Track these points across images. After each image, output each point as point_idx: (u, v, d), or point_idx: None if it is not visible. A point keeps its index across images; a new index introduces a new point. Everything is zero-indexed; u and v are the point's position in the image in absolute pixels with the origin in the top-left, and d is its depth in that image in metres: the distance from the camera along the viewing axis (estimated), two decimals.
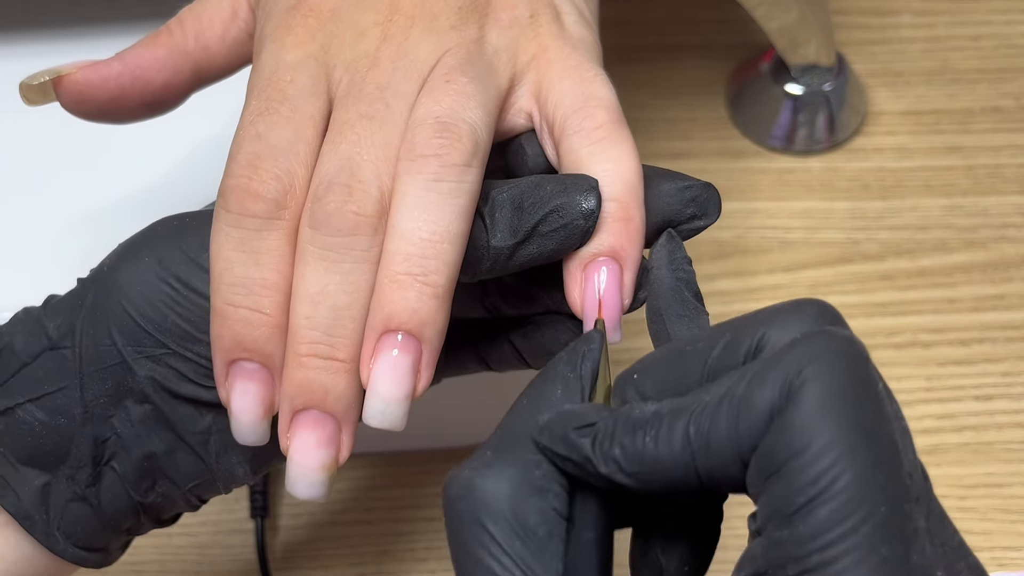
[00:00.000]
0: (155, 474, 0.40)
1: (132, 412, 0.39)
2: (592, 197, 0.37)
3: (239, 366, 0.37)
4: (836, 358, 0.30)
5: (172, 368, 0.38)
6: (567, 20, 0.41)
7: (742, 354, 0.32)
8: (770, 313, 0.32)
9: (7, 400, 0.39)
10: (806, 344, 0.30)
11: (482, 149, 0.37)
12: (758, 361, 0.30)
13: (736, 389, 0.30)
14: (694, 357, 0.32)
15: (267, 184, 0.36)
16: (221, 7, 0.42)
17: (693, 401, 0.31)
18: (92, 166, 0.55)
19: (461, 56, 0.38)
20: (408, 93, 0.37)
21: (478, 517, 0.32)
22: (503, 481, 0.32)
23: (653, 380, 0.33)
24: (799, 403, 0.29)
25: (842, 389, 0.29)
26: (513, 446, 0.33)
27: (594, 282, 0.38)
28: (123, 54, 0.42)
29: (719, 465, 0.30)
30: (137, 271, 0.39)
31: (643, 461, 0.31)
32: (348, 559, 0.57)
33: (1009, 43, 0.73)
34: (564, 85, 0.39)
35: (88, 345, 0.39)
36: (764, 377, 0.30)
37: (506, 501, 0.32)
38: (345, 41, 0.38)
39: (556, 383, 0.34)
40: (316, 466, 0.36)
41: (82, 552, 0.40)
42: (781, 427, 0.29)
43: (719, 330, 0.33)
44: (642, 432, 0.31)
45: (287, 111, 0.37)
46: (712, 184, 0.39)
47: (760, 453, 0.29)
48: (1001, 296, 0.64)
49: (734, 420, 0.30)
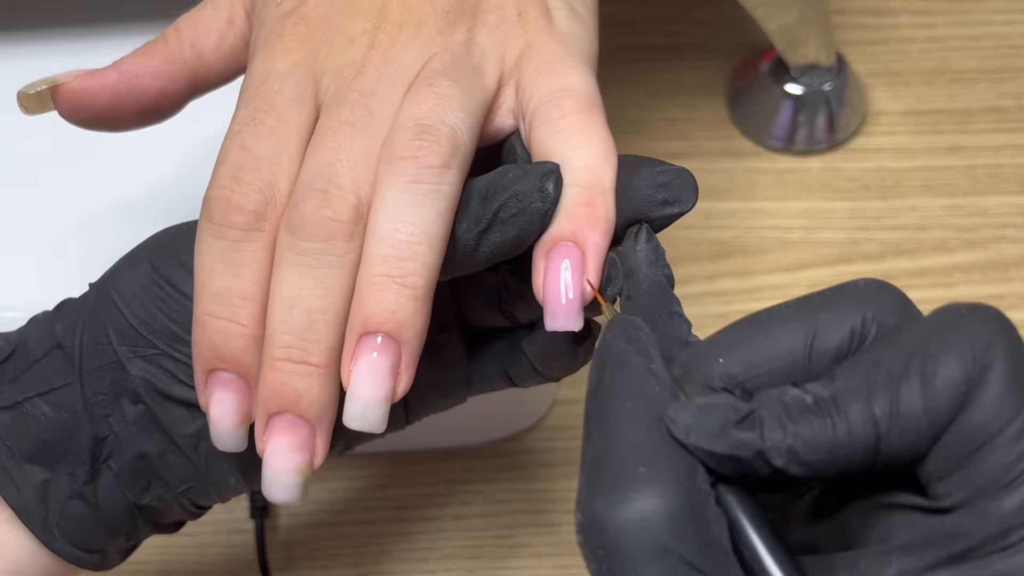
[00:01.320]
0: (148, 475, 0.40)
1: (127, 412, 0.40)
2: (550, 181, 0.37)
3: (217, 375, 0.37)
4: (1013, 333, 0.30)
5: (163, 368, 0.39)
6: (556, 16, 0.41)
7: (849, 334, 0.31)
8: (854, 293, 0.32)
9: (17, 394, 0.40)
10: (981, 319, 0.30)
11: (462, 151, 0.37)
12: (928, 337, 0.30)
13: (915, 366, 0.30)
14: (789, 336, 0.31)
15: (248, 196, 0.36)
16: (218, 15, 0.42)
17: (855, 381, 0.30)
18: (93, 166, 0.55)
19: (446, 60, 0.38)
20: (393, 99, 0.38)
21: (664, 542, 0.28)
22: (679, 494, 0.29)
23: (744, 362, 0.31)
24: (996, 379, 0.29)
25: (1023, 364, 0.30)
26: (661, 456, 0.30)
27: (554, 267, 0.37)
28: (119, 63, 0.42)
29: (910, 443, 0.30)
30: (133, 274, 0.40)
31: (825, 448, 0.30)
32: (348, 559, 0.57)
33: (1009, 43, 0.73)
34: (538, 80, 0.39)
35: (88, 344, 0.40)
36: (950, 353, 0.30)
37: (688, 515, 0.29)
38: (334, 49, 0.39)
39: (648, 378, 0.31)
40: (290, 469, 0.36)
41: (79, 552, 0.40)
42: (982, 402, 0.29)
43: (802, 309, 0.32)
44: (816, 418, 0.30)
45: (272, 121, 0.37)
46: (688, 170, 0.38)
47: (960, 427, 0.29)
48: (1001, 296, 0.64)
49: (931, 395, 0.29)
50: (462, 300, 0.42)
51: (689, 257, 0.65)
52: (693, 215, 0.66)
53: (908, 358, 0.30)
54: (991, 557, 0.29)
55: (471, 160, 0.37)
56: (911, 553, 0.30)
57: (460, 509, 0.59)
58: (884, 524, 0.31)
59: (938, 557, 0.30)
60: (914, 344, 0.30)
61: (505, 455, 0.60)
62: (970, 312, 0.31)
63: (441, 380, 0.42)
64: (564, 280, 0.37)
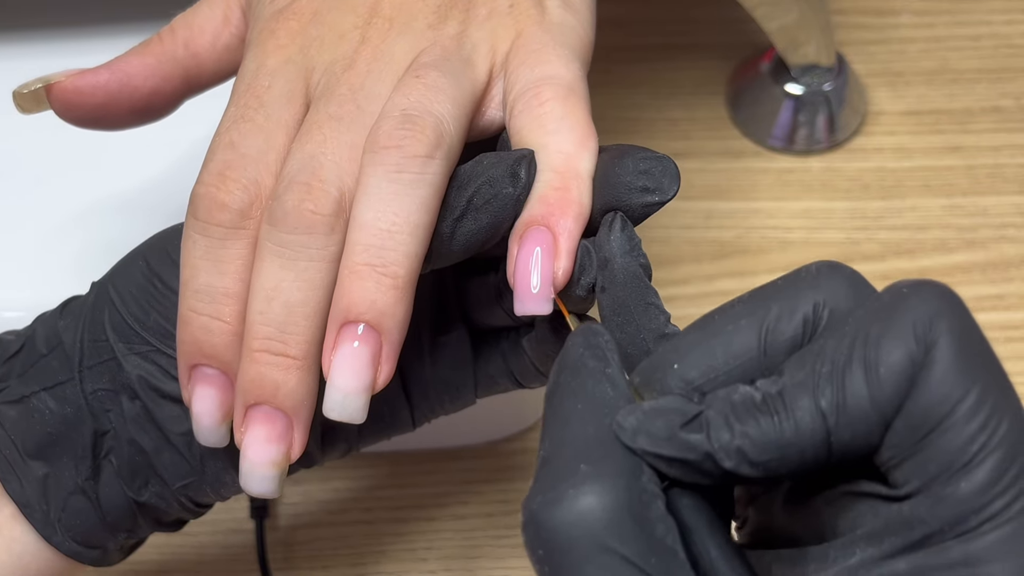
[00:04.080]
0: (146, 472, 0.40)
1: (125, 408, 0.40)
2: (522, 166, 0.37)
3: (199, 371, 0.37)
4: (957, 307, 0.29)
5: (157, 365, 0.39)
6: (549, 5, 0.40)
7: (801, 324, 0.30)
8: (805, 279, 0.31)
9: (25, 388, 0.40)
10: (922, 297, 0.29)
11: (447, 142, 0.36)
12: (870, 321, 0.29)
13: (858, 353, 0.29)
14: (742, 334, 0.31)
15: (233, 194, 0.37)
16: (213, 14, 0.42)
17: (800, 375, 0.29)
18: (92, 165, 0.55)
19: (436, 53, 0.38)
20: (380, 94, 0.37)
21: (602, 541, 0.28)
22: (618, 493, 0.29)
23: (700, 365, 0.31)
24: (942, 358, 0.28)
25: (972, 338, 0.29)
26: (604, 455, 0.29)
27: (526, 251, 0.36)
28: (112, 62, 0.42)
29: (861, 434, 0.29)
30: (129, 272, 0.40)
31: (773, 446, 0.29)
32: (348, 559, 0.57)
33: (1009, 43, 0.73)
34: (521, 71, 0.39)
35: (88, 341, 0.40)
36: (892, 337, 0.29)
37: (629, 514, 0.28)
38: (324, 44, 0.39)
39: (601, 381, 0.31)
40: (267, 461, 0.36)
41: (79, 547, 0.40)
42: (928, 384, 0.28)
43: (753, 304, 0.31)
44: (764, 416, 0.29)
45: (261, 119, 0.38)
46: (668, 157, 0.37)
47: (909, 413, 0.29)
48: (1001, 296, 0.64)
49: (875, 383, 0.28)
50: (466, 300, 0.42)
51: (689, 257, 0.65)
52: (693, 215, 0.67)
53: (851, 345, 0.29)
54: (948, 543, 0.28)
55: (459, 152, 0.37)
56: (872, 542, 0.29)
57: (459, 509, 0.59)
58: (853, 513, 0.30)
59: (896, 546, 0.29)
60: (857, 329, 0.29)
61: (505, 455, 0.60)
62: (911, 290, 0.30)
63: (449, 381, 0.42)
64: (533, 263, 0.36)
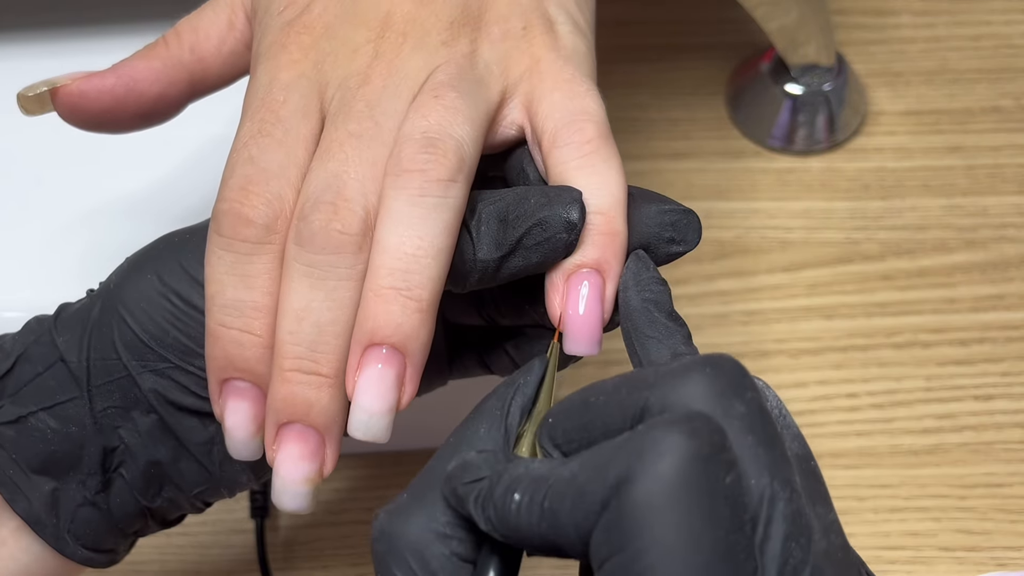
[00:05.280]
0: (161, 480, 0.40)
1: (139, 423, 0.40)
2: (575, 210, 0.37)
3: (231, 385, 0.37)
4: (668, 455, 0.29)
5: (175, 381, 0.39)
6: (561, 31, 0.41)
7: (629, 418, 0.31)
8: (661, 375, 0.31)
9: (20, 408, 0.40)
10: (641, 437, 0.29)
11: (468, 164, 0.37)
12: (599, 448, 0.30)
13: (579, 474, 0.30)
14: (596, 411, 0.32)
15: (258, 209, 0.37)
16: (218, 19, 0.42)
17: (553, 473, 0.31)
18: (93, 166, 0.55)
19: (451, 71, 0.38)
20: (397, 110, 0.38)
21: (387, 561, 0.33)
22: (410, 526, 0.33)
23: (563, 429, 0.33)
24: (624, 500, 0.29)
25: (667, 491, 0.28)
26: (424, 491, 0.33)
27: (576, 293, 0.37)
28: (118, 65, 0.42)
29: (566, 544, 0.30)
30: (140, 287, 0.39)
31: (509, 526, 0.31)
32: (348, 559, 0.57)
33: (1009, 43, 0.73)
34: (555, 97, 0.39)
35: (96, 360, 0.39)
36: (601, 467, 0.29)
37: (409, 547, 0.32)
38: (338, 59, 0.39)
39: (481, 420, 0.34)
40: (300, 479, 0.37)
41: (91, 553, 0.41)
42: (607, 523, 0.29)
43: (619, 384, 0.32)
44: (512, 496, 0.31)
45: (280, 133, 0.38)
46: (693, 211, 0.39)
47: (594, 540, 0.29)
48: (1001, 296, 0.64)
49: (573, 505, 0.30)
50: (443, 299, 0.42)
51: (689, 257, 0.65)
52: None
53: (584, 464, 0.30)
54: None
55: (475, 171, 0.38)
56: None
57: None
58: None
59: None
60: (595, 452, 0.30)
61: None
62: (649, 425, 0.30)
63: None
64: (588, 306, 0.37)
